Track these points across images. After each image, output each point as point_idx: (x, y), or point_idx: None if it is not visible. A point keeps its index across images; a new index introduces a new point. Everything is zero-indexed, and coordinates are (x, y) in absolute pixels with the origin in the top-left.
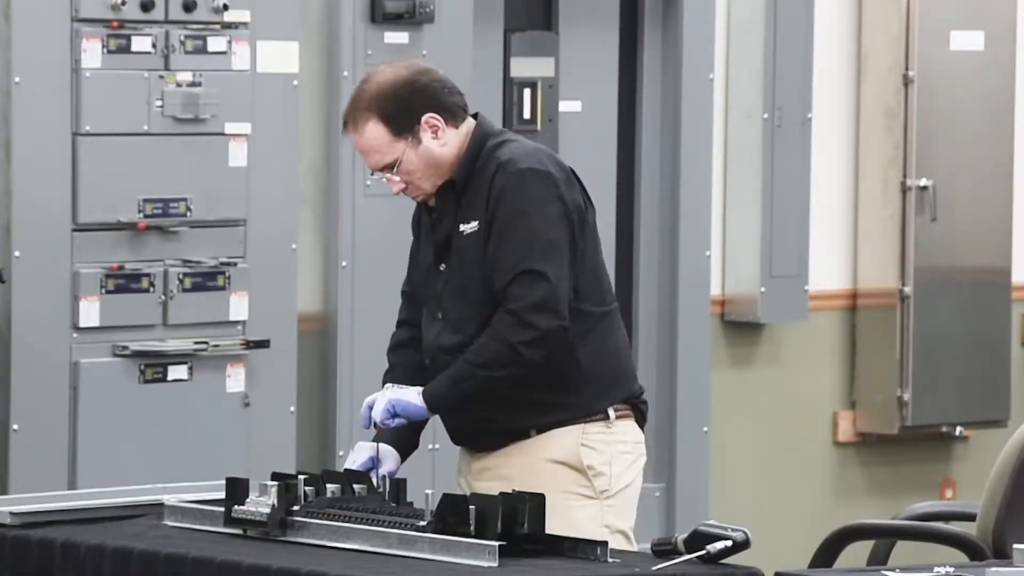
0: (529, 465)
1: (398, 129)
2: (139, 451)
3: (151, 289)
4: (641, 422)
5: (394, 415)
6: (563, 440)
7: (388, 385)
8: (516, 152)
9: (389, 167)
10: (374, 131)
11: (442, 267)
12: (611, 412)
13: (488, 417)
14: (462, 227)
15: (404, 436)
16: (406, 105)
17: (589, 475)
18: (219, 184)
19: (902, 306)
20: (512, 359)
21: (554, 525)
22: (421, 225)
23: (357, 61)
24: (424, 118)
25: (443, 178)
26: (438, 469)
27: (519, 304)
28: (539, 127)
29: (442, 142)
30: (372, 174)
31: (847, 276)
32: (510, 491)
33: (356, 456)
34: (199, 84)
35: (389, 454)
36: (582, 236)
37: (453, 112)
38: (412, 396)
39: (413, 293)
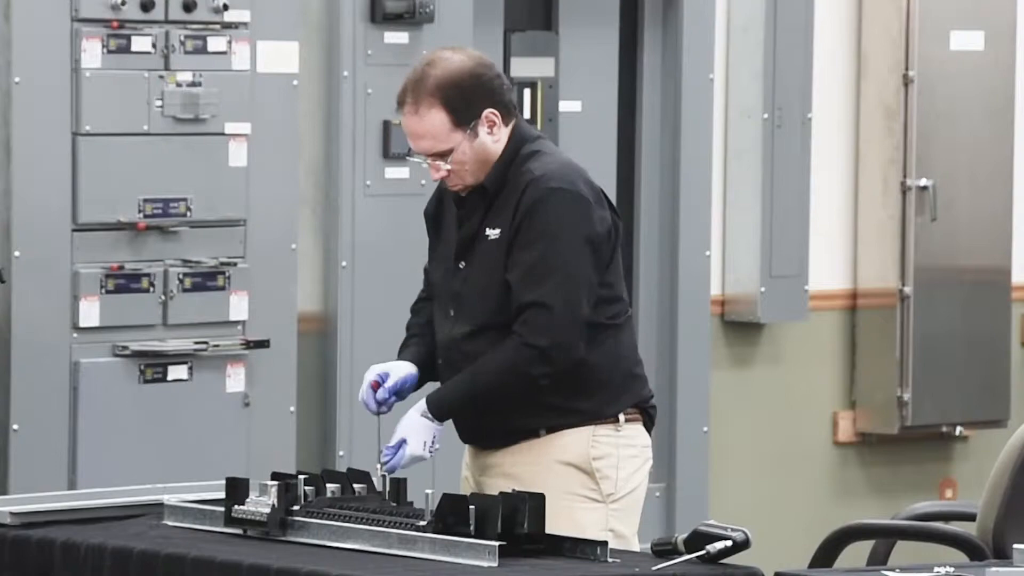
0: (538, 465)
1: (459, 120)
2: (139, 451)
3: (151, 289)
4: (649, 426)
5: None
6: (572, 441)
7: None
8: (549, 167)
9: (440, 155)
10: (436, 118)
11: (461, 265)
12: (620, 416)
13: (501, 418)
14: (487, 231)
15: (424, 361)
16: (471, 97)
17: (596, 478)
18: (219, 184)
19: (902, 306)
20: (528, 388)
21: (559, 527)
22: (442, 217)
23: (357, 61)
24: (485, 113)
25: (487, 174)
26: (438, 469)
27: (538, 340)
28: (539, 127)
29: (495, 138)
30: (408, 153)
31: (847, 276)
32: (514, 490)
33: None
34: (199, 84)
35: (400, 366)
36: (610, 254)
37: (509, 109)
38: (415, 423)
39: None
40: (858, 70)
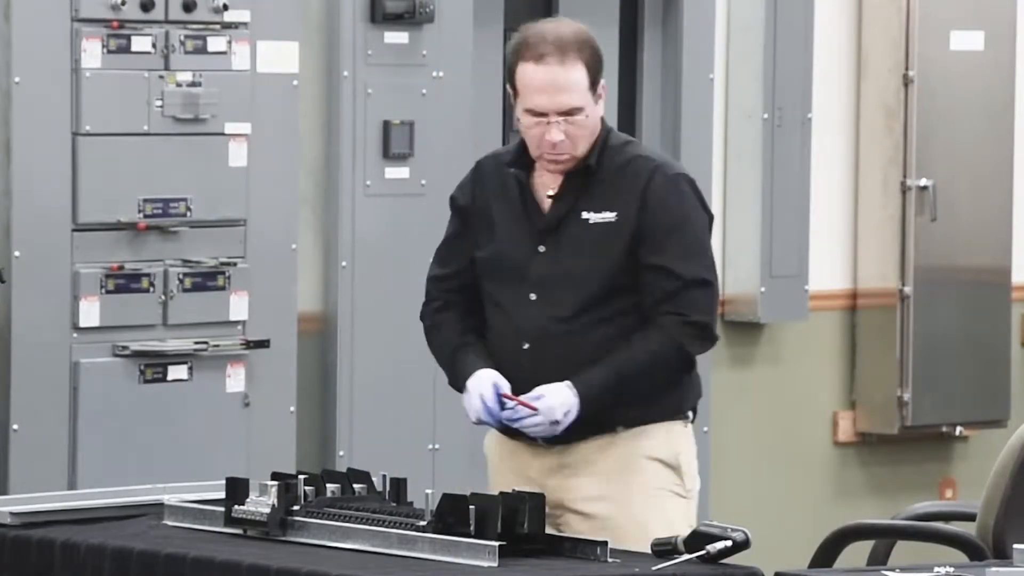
0: (624, 460)
1: (592, 82)
2: (139, 451)
3: (151, 289)
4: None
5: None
6: (656, 437)
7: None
8: (657, 154)
9: (571, 112)
10: (579, 74)
11: (541, 248)
12: (689, 412)
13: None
14: (587, 215)
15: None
16: (599, 63)
17: (681, 473)
18: (219, 184)
19: (902, 306)
20: (685, 367)
21: (652, 522)
22: (486, 207)
23: (357, 61)
24: (602, 82)
25: (588, 151)
26: (438, 469)
27: (702, 317)
28: None
29: (600, 112)
30: (515, 118)
31: (847, 276)
32: (603, 487)
33: (481, 390)
34: (199, 84)
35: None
36: None
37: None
38: (566, 395)
39: (455, 276)
40: (858, 70)
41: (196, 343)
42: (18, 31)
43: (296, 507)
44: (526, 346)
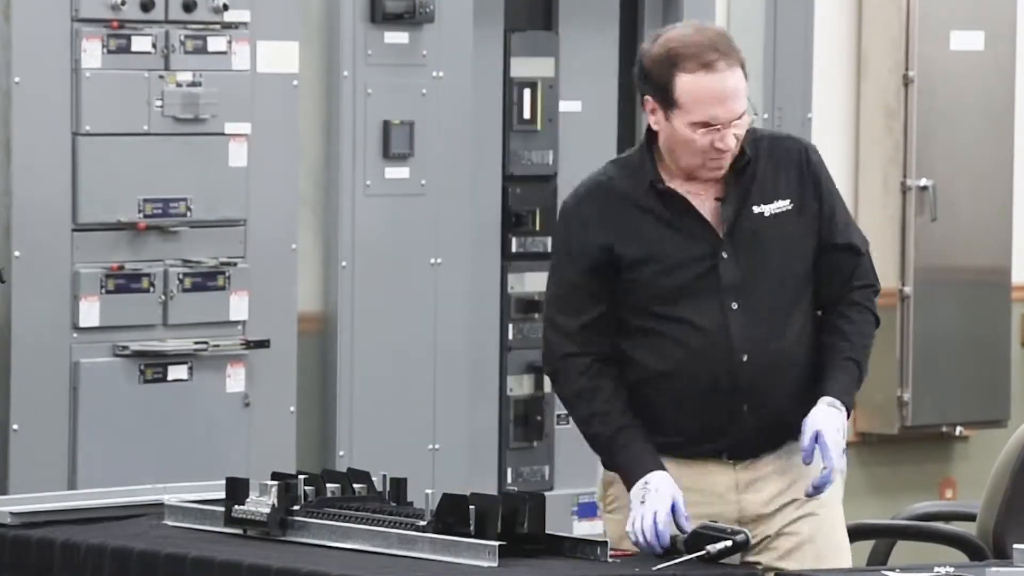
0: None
1: (745, 82)
2: (139, 451)
3: (151, 289)
4: None
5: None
6: None
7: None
8: (785, 132)
9: (740, 116)
10: (741, 76)
11: (724, 255)
12: None
13: (792, 413)
14: (759, 208)
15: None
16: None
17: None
18: (219, 184)
19: (902, 306)
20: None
21: (843, 540)
22: (631, 232)
23: (357, 61)
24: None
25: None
26: (438, 469)
27: (879, 282)
28: (539, 127)
29: None
30: (661, 132)
31: None
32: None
33: (656, 505)
34: (199, 84)
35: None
36: None
37: None
38: (838, 418)
39: (597, 321)
40: (858, 70)
41: (196, 343)
42: (18, 31)
43: (296, 507)
44: (745, 358)
